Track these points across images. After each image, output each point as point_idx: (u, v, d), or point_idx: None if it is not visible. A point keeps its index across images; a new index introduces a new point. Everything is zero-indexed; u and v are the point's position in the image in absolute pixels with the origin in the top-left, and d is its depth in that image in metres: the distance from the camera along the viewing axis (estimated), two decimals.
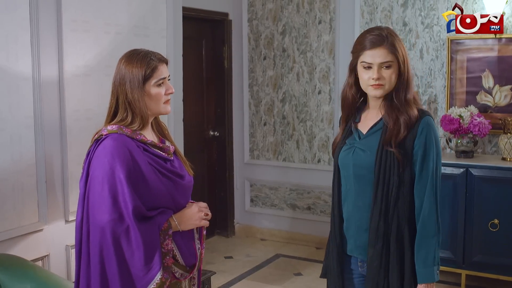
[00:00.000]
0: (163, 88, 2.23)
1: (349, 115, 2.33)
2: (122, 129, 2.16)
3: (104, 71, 3.59)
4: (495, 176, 4.14)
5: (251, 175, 5.82)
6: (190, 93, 5.17)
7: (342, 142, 2.32)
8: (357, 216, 2.23)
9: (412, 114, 2.15)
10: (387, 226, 2.15)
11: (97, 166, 2.10)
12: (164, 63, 2.26)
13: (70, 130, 3.41)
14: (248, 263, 5.03)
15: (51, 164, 3.33)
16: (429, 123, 2.16)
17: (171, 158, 2.30)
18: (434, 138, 2.16)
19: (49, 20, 3.31)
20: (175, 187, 2.22)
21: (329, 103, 5.29)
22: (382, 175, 2.14)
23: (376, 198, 2.15)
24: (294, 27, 5.40)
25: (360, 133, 2.28)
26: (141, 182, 2.10)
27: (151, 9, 4.02)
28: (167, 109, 2.27)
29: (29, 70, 3.18)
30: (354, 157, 2.23)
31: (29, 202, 3.22)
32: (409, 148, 2.14)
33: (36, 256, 3.23)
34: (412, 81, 2.22)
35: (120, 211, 2.05)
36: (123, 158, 2.07)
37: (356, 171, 2.22)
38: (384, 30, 2.19)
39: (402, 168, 2.14)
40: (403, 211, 2.16)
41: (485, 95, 4.58)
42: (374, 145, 2.19)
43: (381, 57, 2.14)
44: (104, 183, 2.06)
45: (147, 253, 2.05)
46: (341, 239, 2.31)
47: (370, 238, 2.17)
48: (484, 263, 4.19)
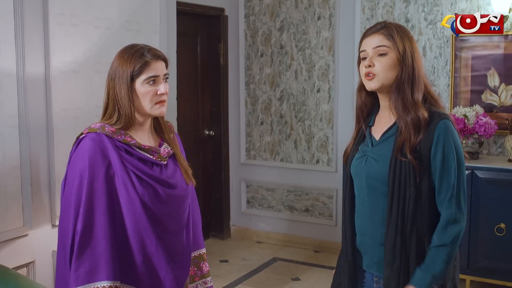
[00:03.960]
0: (155, 87, 2.08)
1: (361, 118, 2.16)
2: (104, 128, 2.07)
3: (93, 67, 3.53)
4: (501, 178, 4.04)
5: (247, 175, 5.73)
6: (184, 91, 5.11)
7: (355, 148, 2.14)
8: (373, 230, 2.06)
9: (420, 115, 1.95)
10: (404, 243, 1.97)
11: (69, 168, 2.06)
12: (161, 60, 2.12)
13: (57, 130, 3.34)
14: (244, 267, 4.94)
15: (36, 165, 3.25)
16: (447, 127, 1.96)
17: (162, 162, 2.14)
18: (454, 144, 1.96)
19: (35, 13, 3.22)
20: (155, 196, 2.08)
21: (328, 102, 5.18)
22: (397, 188, 1.96)
23: (391, 213, 1.97)
24: (292, 23, 5.30)
25: (373, 139, 2.10)
26: (108, 187, 2.02)
27: (144, 3, 3.94)
28: (160, 111, 2.12)
29: (13, 66, 3.11)
30: (367, 167, 2.05)
31: (13, 205, 3.14)
32: (425, 156, 1.95)
33: (20, 263, 3.16)
34: (419, 79, 2.01)
35: (78, 218, 1.99)
36: (93, 161, 2.01)
37: (369, 183, 2.05)
38: (385, 22, 2.05)
39: (419, 178, 1.95)
40: (422, 226, 1.97)
41: (490, 94, 4.48)
42: (387, 154, 2.00)
43: (374, 42, 2.00)
44: (73, 186, 2.02)
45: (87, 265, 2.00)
46: (353, 255, 2.13)
47: (386, 257, 1.99)
48: (490, 268, 4.11)
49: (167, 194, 2.10)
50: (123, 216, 2.03)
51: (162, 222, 2.10)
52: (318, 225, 5.33)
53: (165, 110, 2.13)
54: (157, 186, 2.08)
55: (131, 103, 2.06)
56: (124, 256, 2.04)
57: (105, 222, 1.99)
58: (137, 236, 2.04)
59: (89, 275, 1.97)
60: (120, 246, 2.03)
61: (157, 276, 2.08)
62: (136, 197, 2.03)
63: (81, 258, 1.97)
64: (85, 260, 1.97)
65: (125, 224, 2.03)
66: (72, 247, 1.99)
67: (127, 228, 2.03)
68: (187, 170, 2.24)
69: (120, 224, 2.03)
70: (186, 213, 2.23)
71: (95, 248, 1.98)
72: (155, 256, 2.06)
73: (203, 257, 2.37)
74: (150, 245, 2.06)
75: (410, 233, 1.96)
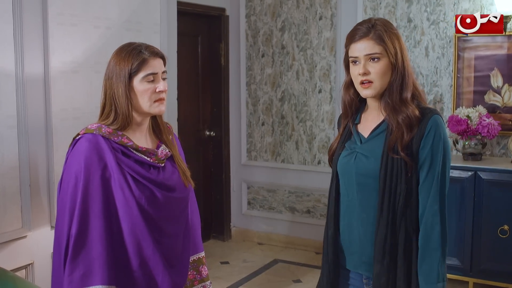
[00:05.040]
0: (154, 85, 2.04)
1: (347, 117, 2.14)
2: (101, 129, 2.03)
3: (93, 67, 3.50)
4: (505, 179, 4.01)
5: (248, 177, 5.69)
6: (185, 92, 5.07)
7: (340, 147, 2.12)
8: (361, 229, 2.03)
9: (411, 113, 1.94)
10: (394, 238, 1.95)
11: (65, 169, 2.03)
12: (159, 57, 2.08)
13: (56, 130, 3.31)
14: (245, 269, 4.91)
15: (35, 166, 3.22)
16: (438, 122, 1.95)
17: (159, 164, 2.10)
18: (443, 139, 1.95)
19: (34, 13, 3.19)
20: (152, 198, 2.03)
21: (330, 103, 5.15)
22: (388, 183, 1.94)
23: (382, 209, 1.95)
24: (293, 23, 5.27)
25: (361, 136, 2.08)
26: (103, 189, 1.98)
27: (144, 3, 3.92)
28: (159, 109, 2.08)
29: (11, 66, 3.08)
30: (356, 164, 2.02)
31: (12, 207, 3.11)
32: (415, 150, 1.95)
33: (19, 265, 3.14)
34: (409, 78, 1.99)
35: (72, 220, 1.96)
36: (89, 163, 1.97)
37: (359, 180, 2.02)
38: (372, 21, 2.00)
39: (410, 173, 1.94)
40: (411, 221, 1.96)
41: (493, 94, 4.44)
42: (378, 150, 1.99)
43: (366, 49, 1.96)
44: (68, 188, 1.98)
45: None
46: (335, 255, 2.11)
47: (377, 253, 1.96)
48: (493, 271, 4.07)
49: (164, 197, 2.06)
50: (119, 219, 1.99)
51: (159, 225, 2.06)
52: (319, 226, 5.27)
53: (164, 109, 2.10)
54: (154, 188, 2.04)
55: (128, 101, 2.02)
56: (120, 260, 2.00)
57: (100, 225, 1.95)
58: (133, 239, 1.99)
59: (83, 279, 1.93)
60: (116, 250, 1.99)
61: (154, 281, 2.03)
62: (133, 200, 1.99)
63: (75, 262, 1.93)
64: (79, 263, 1.93)
65: (121, 228, 1.99)
66: (67, 250, 1.95)
67: (123, 232, 1.99)
68: (186, 172, 2.19)
69: (116, 227, 1.99)
70: (184, 216, 2.19)
71: (90, 251, 1.94)
72: (152, 260, 2.02)
73: (202, 261, 2.33)
74: (147, 249, 2.01)
75: (398, 228, 1.95)
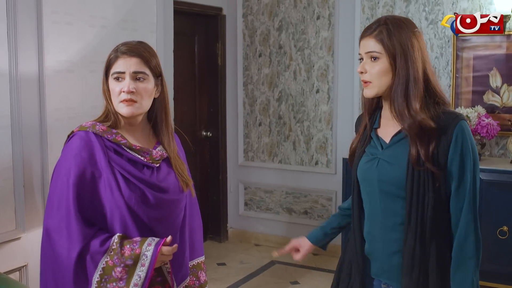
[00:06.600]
0: (120, 84, 1.98)
1: (366, 116, 2.05)
2: (95, 127, 2.00)
3: (88, 67, 3.46)
4: (504, 180, 3.98)
5: (245, 177, 5.67)
6: (181, 92, 5.04)
7: (360, 151, 2.03)
8: (385, 237, 1.95)
9: (423, 124, 1.83)
10: (423, 250, 1.87)
11: (56, 166, 2.00)
12: (133, 56, 1.97)
13: (50, 131, 3.27)
14: (242, 271, 4.88)
15: (29, 167, 3.18)
16: (464, 128, 1.86)
17: (153, 165, 2.05)
18: (471, 146, 1.86)
19: (28, 11, 3.14)
20: (143, 199, 1.96)
21: (328, 103, 5.12)
22: (415, 193, 1.86)
23: (410, 219, 1.87)
24: (291, 23, 5.24)
25: (382, 141, 1.99)
26: (91, 188, 1.94)
27: (140, 1, 3.89)
28: (125, 110, 1.97)
29: (5, 65, 3.04)
30: (379, 170, 1.93)
31: (5, 208, 3.07)
32: (442, 159, 1.85)
33: (13, 267, 3.10)
34: (416, 85, 1.86)
35: (61, 217, 1.91)
36: (79, 160, 1.93)
37: (382, 187, 1.93)
38: (384, 18, 1.93)
39: (438, 182, 1.85)
40: (442, 232, 1.88)
41: (492, 94, 4.42)
42: (402, 157, 1.90)
43: (367, 47, 1.90)
44: (56, 186, 1.95)
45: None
46: (364, 264, 2.03)
47: (405, 265, 1.89)
48: (492, 272, 4.03)
49: (156, 198, 1.99)
50: (107, 220, 1.94)
51: (151, 227, 1.99)
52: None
53: (132, 110, 1.97)
54: (146, 189, 1.97)
55: (109, 99, 2.01)
56: None
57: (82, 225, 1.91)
58: None
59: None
60: None
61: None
62: (122, 201, 1.92)
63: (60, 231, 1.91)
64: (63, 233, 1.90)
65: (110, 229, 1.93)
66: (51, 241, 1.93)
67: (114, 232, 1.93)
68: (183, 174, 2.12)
69: (105, 228, 1.94)
70: (179, 218, 2.11)
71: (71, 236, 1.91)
72: None
73: (201, 266, 2.27)
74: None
75: (430, 240, 1.87)
